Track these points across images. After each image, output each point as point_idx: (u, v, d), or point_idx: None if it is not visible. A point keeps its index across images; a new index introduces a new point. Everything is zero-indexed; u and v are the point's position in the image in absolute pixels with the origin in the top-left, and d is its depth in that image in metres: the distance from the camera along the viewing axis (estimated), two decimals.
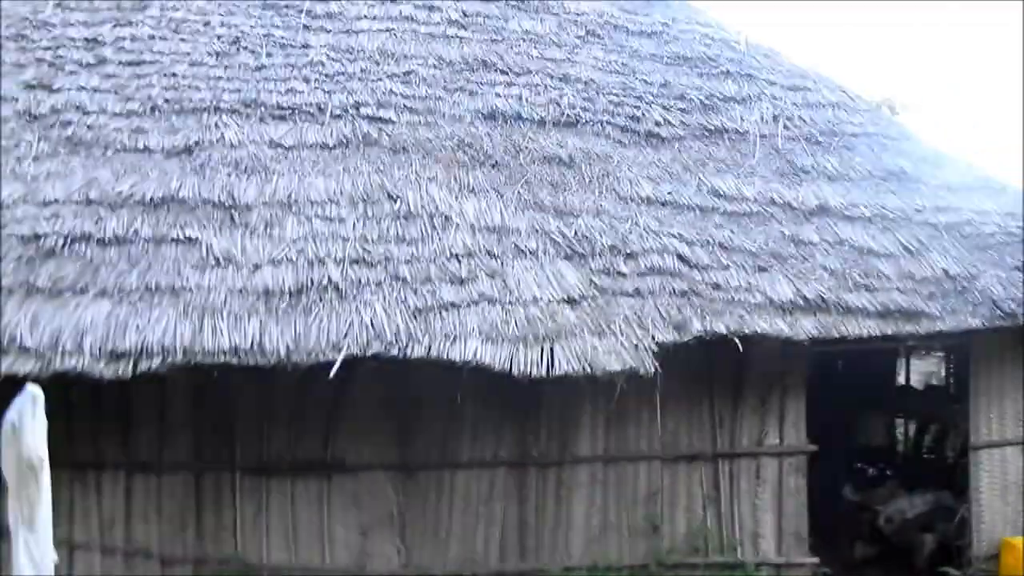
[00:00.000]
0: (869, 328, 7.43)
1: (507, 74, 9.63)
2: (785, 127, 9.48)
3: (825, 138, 9.43)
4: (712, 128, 9.35)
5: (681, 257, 7.56)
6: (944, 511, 8.70)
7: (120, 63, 9.17)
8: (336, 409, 7.27)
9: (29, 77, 8.86)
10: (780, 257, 7.85)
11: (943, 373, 11.77)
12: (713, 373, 7.69)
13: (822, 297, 7.48)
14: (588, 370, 6.43)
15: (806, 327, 7.28)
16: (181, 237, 7.06)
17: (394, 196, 7.55)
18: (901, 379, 11.60)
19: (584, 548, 7.49)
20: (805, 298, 7.44)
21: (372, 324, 6.37)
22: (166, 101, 8.65)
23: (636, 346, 6.69)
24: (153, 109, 8.55)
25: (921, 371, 12.23)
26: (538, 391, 6.98)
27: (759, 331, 7.12)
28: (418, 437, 7.32)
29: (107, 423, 7.17)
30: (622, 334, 6.75)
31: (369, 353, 6.24)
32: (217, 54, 9.45)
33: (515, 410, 7.35)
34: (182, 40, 9.59)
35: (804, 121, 9.62)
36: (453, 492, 7.37)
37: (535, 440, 7.47)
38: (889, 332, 7.47)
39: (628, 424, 7.56)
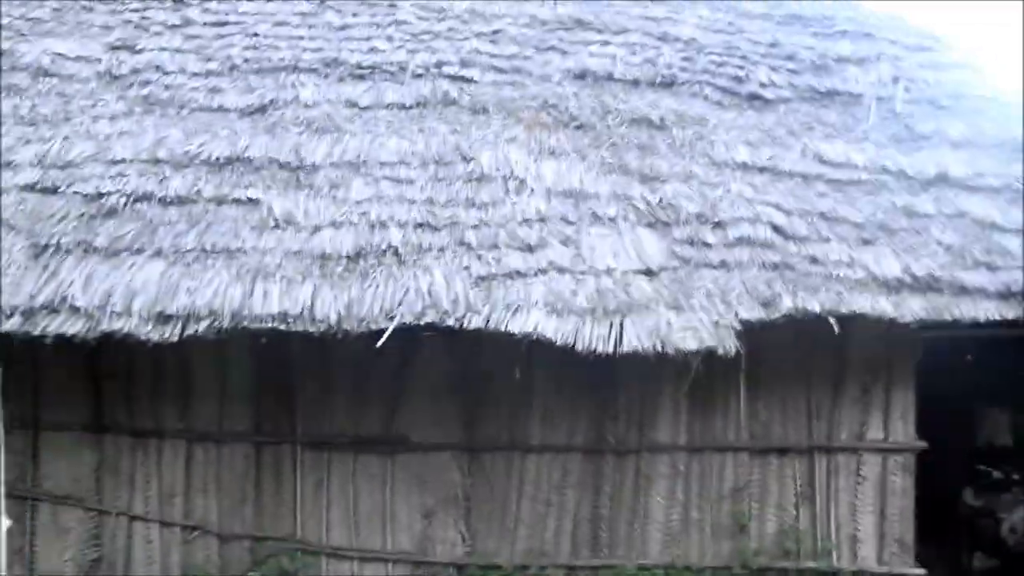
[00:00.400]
0: (988, 311, 6.61)
1: (602, 32, 9.12)
2: (906, 89, 8.63)
3: (950, 102, 8.54)
4: (823, 90, 8.61)
5: (775, 227, 6.89)
6: None
7: (204, 24, 9.09)
8: (400, 383, 6.92)
9: (114, 39, 8.83)
10: (889, 230, 7.09)
11: None
12: (810, 358, 6.98)
13: (934, 275, 6.69)
14: (661, 347, 5.87)
15: (913, 308, 6.52)
16: (243, 198, 6.81)
17: (468, 157, 7.12)
18: None
19: (662, 545, 6.93)
20: (914, 275, 6.67)
21: (429, 292, 5.96)
22: (245, 61, 8.49)
23: (717, 323, 6.08)
24: (232, 68, 8.39)
25: None
26: (615, 372, 6.47)
27: (858, 310, 6.40)
28: (486, 417, 6.90)
29: (169, 391, 7.00)
30: (702, 309, 6.16)
31: (423, 322, 5.85)
32: (302, 14, 9.27)
33: (591, 392, 6.84)
34: (268, 1, 9.42)
35: (927, 84, 8.76)
36: (523, 478, 6.90)
37: (612, 425, 6.93)
38: (1011, 316, 6.65)
39: (714, 411, 6.96)
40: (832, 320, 6.33)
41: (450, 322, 5.83)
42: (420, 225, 6.50)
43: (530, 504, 6.91)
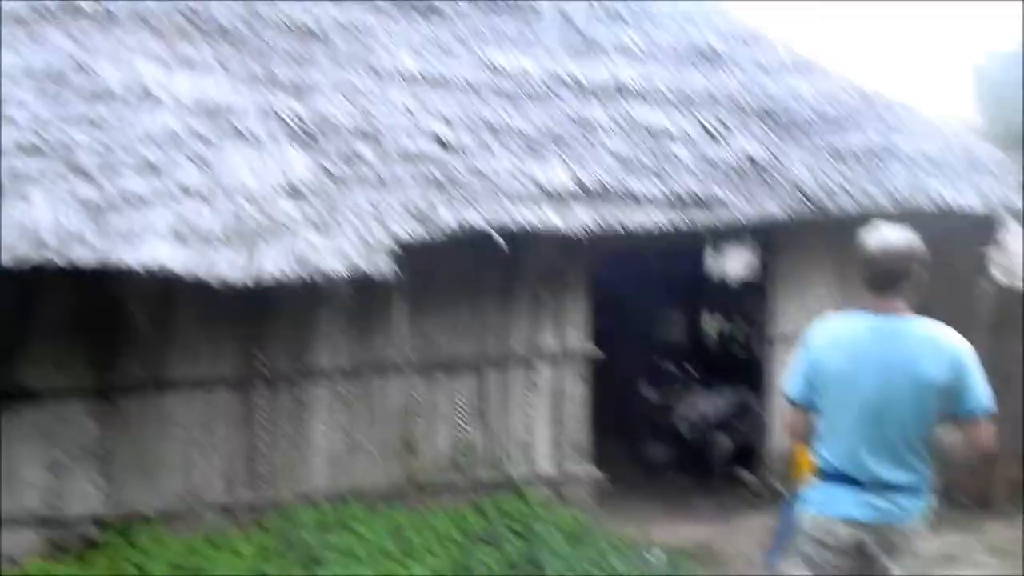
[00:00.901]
0: (657, 218, 6.63)
1: None
2: None
3: (628, 12, 8.45)
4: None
5: (439, 140, 6.57)
6: (744, 410, 8.17)
7: None
8: (17, 327, 5.99)
9: None
10: (559, 140, 6.94)
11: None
12: (480, 271, 6.77)
13: (603, 184, 6.62)
14: (304, 273, 5.42)
15: (582, 218, 6.43)
16: None
17: (89, 71, 6.26)
18: (717, 273, 10.98)
19: (327, 473, 6.56)
20: (583, 185, 6.58)
21: (31, 224, 5.18)
22: None
23: (369, 244, 5.70)
24: None
25: (744, 263, 11.57)
26: (266, 298, 5.91)
27: (524, 223, 6.23)
28: (121, 357, 6.14)
29: None
30: (353, 230, 5.75)
31: (22, 258, 5.06)
32: None
33: (239, 320, 6.25)
34: None
35: None
36: (164, 419, 6.23)
37: (264, 354, 6.40)
38: (680, 222, 6.68)
39: (374, 332, 6.60)
40: (497, 234, 6.11)
41: (52, 257, 5.08)
42: (25, 150, 5.62)
43: (177, 445, 6.27)
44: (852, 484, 3.43)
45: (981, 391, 3.39)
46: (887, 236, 3.42)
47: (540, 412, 7.00)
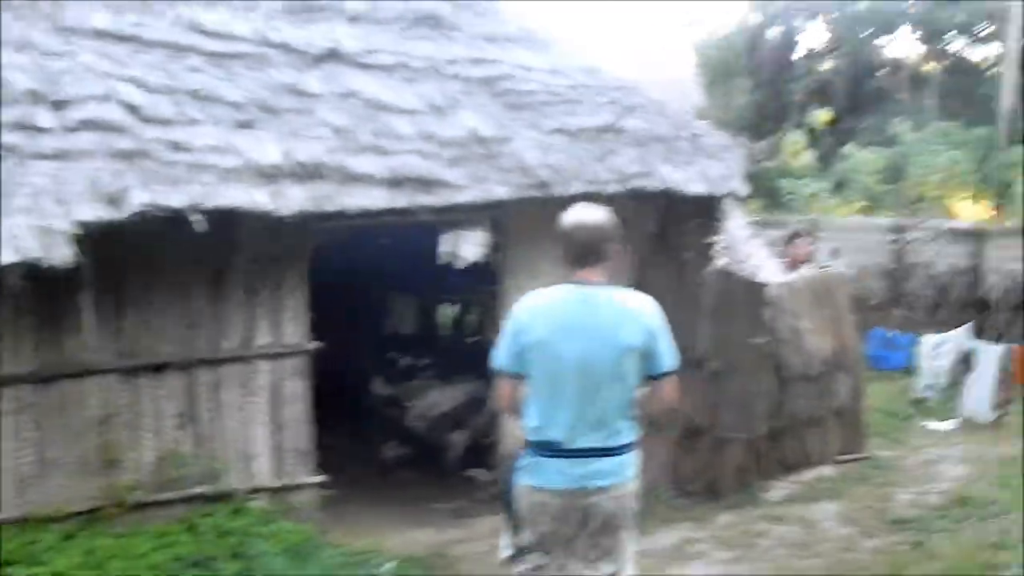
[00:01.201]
0: (376, 199, 6.58)
1: None
2: None
3: None
4: None
5: (131, 107, 6.20)
6: (480, 403, 8.34)
7: None
8: None
9: None
10: (271, 110, 6.75)
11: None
12: (186, 260, 6.44)
13: (318, 161, 6.51)
14: None
15: (295, 199, 6.26)
16: None
17: None
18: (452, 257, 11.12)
19: (15, 494, 6.07)
20: (297, 162, 6.42)
21: None
22: None
23: (46, 228, 5.31)
24: None
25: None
26: None
27: (230, 204, 6.00)
28: None
29: None
30: (25, 212, 5.33)
31: None
32: None
33: None
34: None
35: None
36: None
37: None
38: (401, 204, 6.69)
39: (64, 332, 6.14)
40: (199, 216, 5.86)
41: None
42: None
43: None
44: (559, 452, 3.74)
45: (669, 352, 3.88)
46: (582, 214, 3.85)
47: (258, 416, 6.78)
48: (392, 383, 9.05)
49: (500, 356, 3.92)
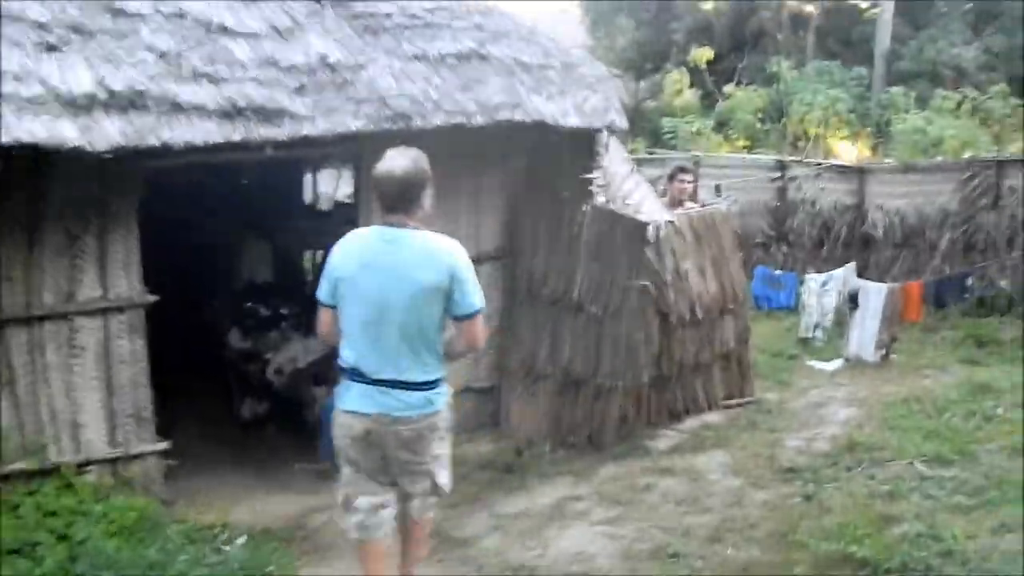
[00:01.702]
0: (207, 132, 5.78)
1: None
2: None
3: None
4: None
5: None
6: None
7: None
8: None
9: None
10: (84, 32, 5.88)
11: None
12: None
13: (138, 90, 5.68)
14: None
15: (109, 132, 5.43)
16: None
17: None
18: (316, 199, 10.36)
19: None
20: (111, 91, 5.58)
21: None
22: None
23: None
24: None
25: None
26: None
27: (30, 139, 5.16)
28: None
29: None
30: None
31: None
32: None
33: None
34: None
35: None
36: None
37: None
38: (237, 137, 5.91)
39: None
40: None
41: None
42: None
43: None
44: (365, 380, 3.98)
45: (473, 294, 3.98)
46: (392, 160, 3.98)
47: (86, 379, 6.01)
48: (249, 336, 8.29)
49: (320, 288, 4.14)
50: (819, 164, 13.70)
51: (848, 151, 19.62)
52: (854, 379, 9.48)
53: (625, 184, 8.14)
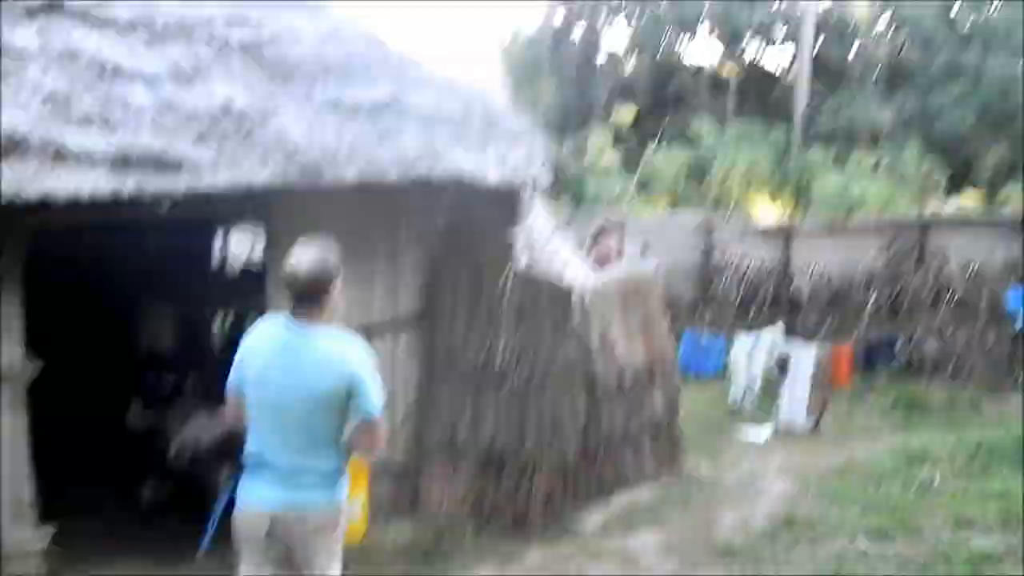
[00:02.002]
0: (95, 182, 5.22)
1: None
2: None
3: None
4: None
5: None
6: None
7: None
8: None
9: None
10: None
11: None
12: None
13: (19, 134, 5.12)
14: None
15: None
16: None
17: None
18: (226, 260, 9.75)
19: None
20: None
21: None
22: None
23: None
24: None
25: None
26: None
27: None
28: None
29: None
30: None
31: None
32: None
33: None
34: None
35: None
36: None
37: None
38: (129, 188, 5.34)
39: None
40: None
41: None
42: None
43: None
44: (265, 474, 3.87)
45: (371, 400, 3.82)
46: (299, 257, 3.79)
47: None
48: (150, 409, 7.61)
49: (230, 376, 4.04)
50: (744, 224, 13.48)
51: (769, 212, 19.55)
52: (786, 448, 9.16)
53: (549, 245, 7.73)
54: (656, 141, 22.27)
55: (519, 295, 6.87)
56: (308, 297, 3.80)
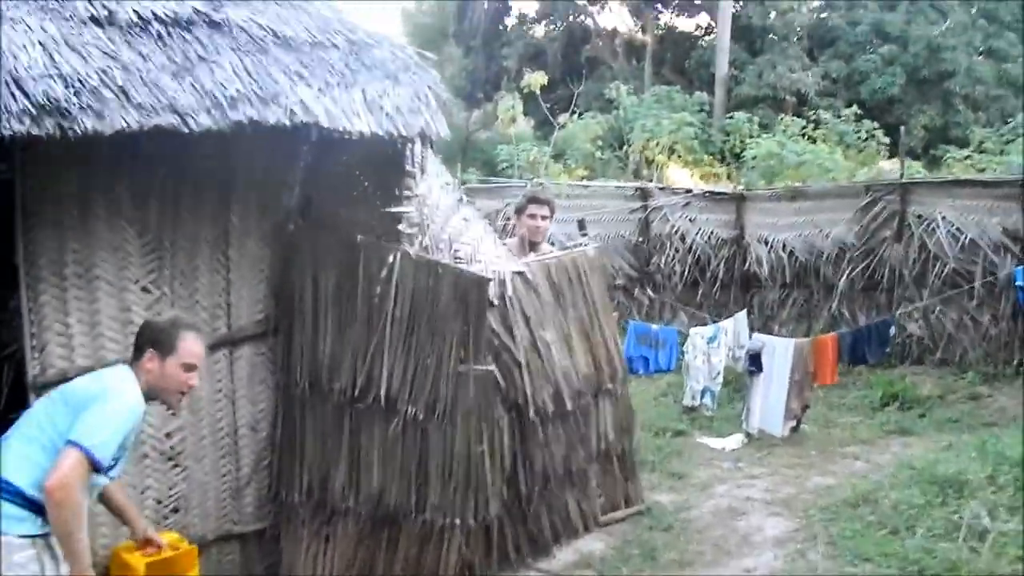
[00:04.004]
0: None
1: None
2: None
3: None
4: None
5: None
6: None
7: None
8: None
9: None
10: None
11: None
12: None
13: None
14: None
15: None
16: None
17: None
18: None
19: None
20: None
21: None
22: None
23: None
24: None
25: None
26: None
27: None
28: None
29: None
30: None
31: None
32: None
33: None
34: None
35: None
36: None
37: None
38: None
39: None
40: None
41: None
42: None
43: None
44: None
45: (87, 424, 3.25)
46: None
47: None
48: None
49: None
50: (688, 191, 11.31)
51: (693, 179, 17.61)
52: (765, 463, 7.16)
53: (451, 220, 5.54)
54: (571, 108, 20.43)
55: (410, 290, 4.72)
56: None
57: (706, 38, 25.61)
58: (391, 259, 4.75)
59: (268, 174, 4.78)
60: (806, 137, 16.45)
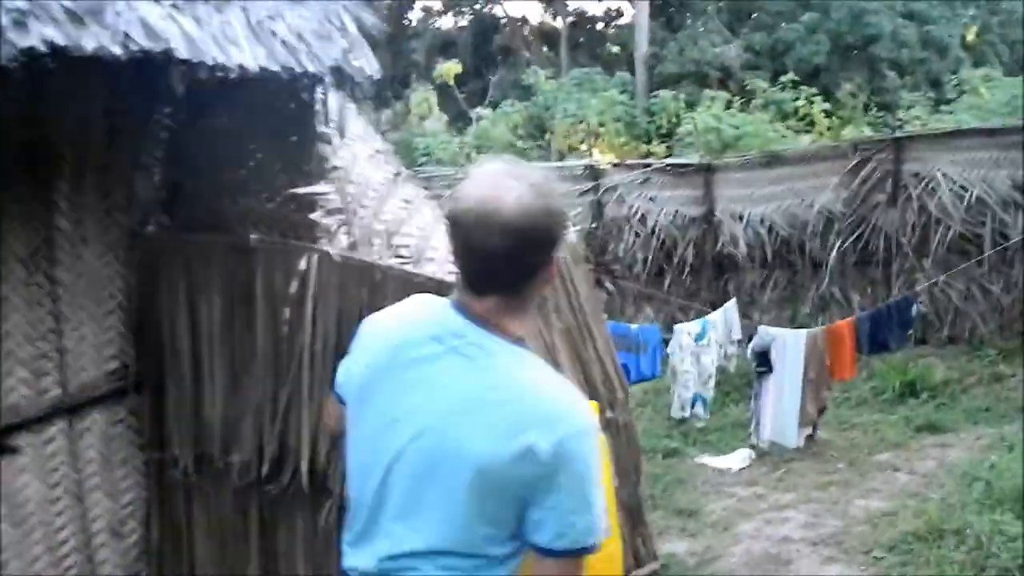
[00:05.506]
0: None
1: None
2: None
3: None
4: None
5: None
6: None
7: None
8: None
9: None
10: None
11: None
12: None
13: None
14: None
15: None
16: None
17: None
18: None
19: None
20: None
21: None
22: None
23: None
24: None
25: None
26: None
27: None
28: None
29: None
30: None
31: None
32: None
33: None
34: None
35: None
36: None
37: None
38: None
39: None
40: None
41: None
42: None
43: None
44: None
45: (587, 510, 1.67)
46: (490, 192, 1.67)
47: None
48: None
49: (339, 370, 1.99)
50: (647, 166, 9.76)
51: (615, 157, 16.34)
52: (787, 486, 5.70)
53: (388, 204, 3.89)
54: (486, 99, 19.01)
55: (337, 308, 3.10)
56: (492, 272, 1.68)
57: (619, 20, 24.53)
58: (303, 265, 3.11)
59: (112, 148, 3.12)
60: (737, 110, 15.28)
